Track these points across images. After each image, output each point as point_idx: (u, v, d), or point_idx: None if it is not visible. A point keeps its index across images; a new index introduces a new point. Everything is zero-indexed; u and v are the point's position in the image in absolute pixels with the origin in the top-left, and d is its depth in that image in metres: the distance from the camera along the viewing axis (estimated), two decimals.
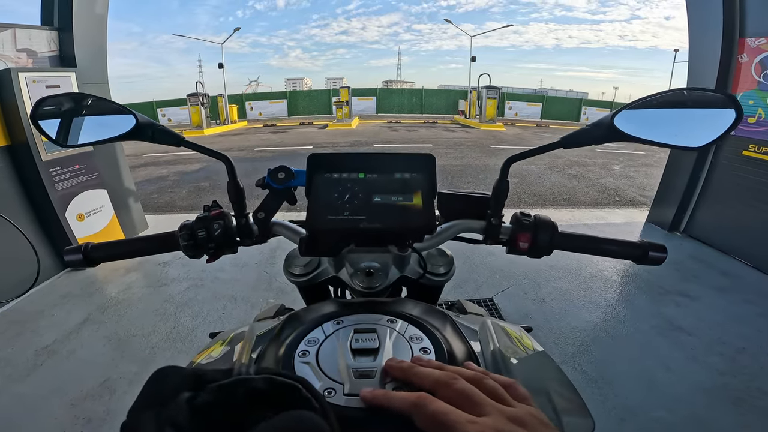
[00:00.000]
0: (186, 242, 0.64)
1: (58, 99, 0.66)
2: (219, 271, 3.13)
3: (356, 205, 0.56)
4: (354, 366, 0.42)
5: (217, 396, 0.22)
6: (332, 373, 0.41)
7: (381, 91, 24.43)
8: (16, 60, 2.87)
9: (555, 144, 0.59)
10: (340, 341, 0.46)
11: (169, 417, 0.21)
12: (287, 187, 0.65)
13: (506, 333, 0.61)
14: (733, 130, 0.54)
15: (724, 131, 0.54)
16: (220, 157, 0.67)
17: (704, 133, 0.55)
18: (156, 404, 0.22)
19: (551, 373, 0.53)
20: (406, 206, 0.57)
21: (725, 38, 3.31)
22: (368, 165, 0.61)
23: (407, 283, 0.76)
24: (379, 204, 0.56)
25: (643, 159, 9.15)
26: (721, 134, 0.54)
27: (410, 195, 0.57)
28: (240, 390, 0.23)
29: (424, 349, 0.45)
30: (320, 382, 0.40)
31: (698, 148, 0.55)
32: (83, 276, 3.13)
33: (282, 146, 11.09)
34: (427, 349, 0.46)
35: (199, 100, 15.08)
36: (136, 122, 0.63)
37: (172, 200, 5.82)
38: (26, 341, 2.36)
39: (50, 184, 2.90)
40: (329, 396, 0.38)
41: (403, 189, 0.58)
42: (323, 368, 0.42)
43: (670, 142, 0.55)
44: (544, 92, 39.77)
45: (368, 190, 0.57)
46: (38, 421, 1.78)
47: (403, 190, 0.57)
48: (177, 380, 0.23)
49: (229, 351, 0.57)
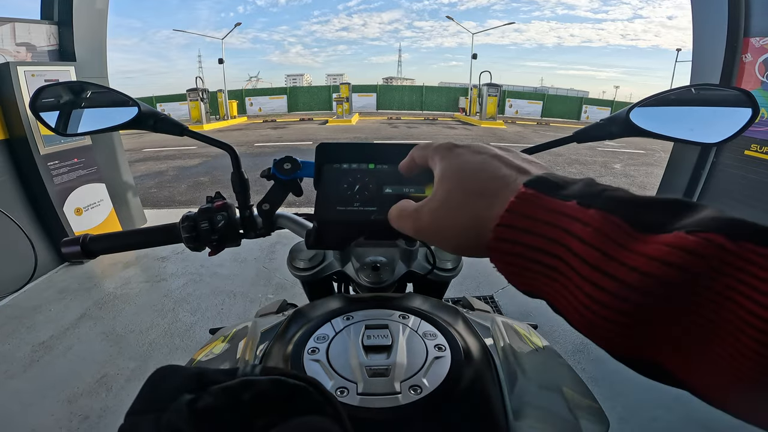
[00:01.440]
0: (188, 234, 0.62)
1: (58, 88, 0.64)
2: (218, 267, 3.12)
3: (366, 197, 0.54)
4: (367, 364, 0.40)
5: (220, 399, 0.21)
6: (344, 371, 0.40)
7: (381, 87, 24.36)
8: (15, 54, 2.85)
9: (568, 138, 0.58)
10: (351, 338, 0.45)
11: (169, 422, 0.19)
12: (293, 178, 0.63)
13: (514, 330, 0.60)
14: (750, 126, 0.53)
15: (741, 127, 0.53)
16: (224, 147, 0.65)
17: (721, 130, 0.54)
18: (155, 408, 0.20)
19: (563, 370, 0.53)
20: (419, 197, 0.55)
21: (729, 37, 3.29)
22: (378, 155, 0.59)
23: (413, 278, 0.75)
24: (390, 195, 0.54)
25: (643, 158, 9.14)
26: (738, 130, 0.53)
27: (422, 186, 0.55)
28: (246, 392, 0.21)
29: (438, 345, 0.44)
30: (332, 381, 0.38)
31: (715, 144, 0.54)
32: (81, 271, 3.11)
33: (281, 141, 11.07)
34: (442, 346, 0.44)
35: (198, 95, 15.06)
36: (138, 111, 0.61)
37: (171, 195, 5.80)
38: (23, 337, 2.34)
39: (48, 177, 2.88)
40: (342, 396, 0.36)
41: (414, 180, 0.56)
42: (335, 366, 0.40)
43: (687, 138, 0.53)
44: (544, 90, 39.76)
45: (379, 181, 0.55)
46: (34, 418, 1.77)
47: (414, 181, 0.55)
48: (177, 381, 0.22)
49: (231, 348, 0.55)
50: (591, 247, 0.22)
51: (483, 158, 0.30)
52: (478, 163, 0.29)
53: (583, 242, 0.22)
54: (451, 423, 0.38)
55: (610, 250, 0.21)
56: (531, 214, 0.24)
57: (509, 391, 0.46)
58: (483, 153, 0.30)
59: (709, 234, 0.19)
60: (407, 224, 0.33)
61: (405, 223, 0.33)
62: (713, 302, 0.18)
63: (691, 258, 0.19)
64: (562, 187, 0.25)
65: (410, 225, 0.32)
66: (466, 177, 0.29)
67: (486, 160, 0.29)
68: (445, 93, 24.08)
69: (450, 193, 0.29)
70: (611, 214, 0.22)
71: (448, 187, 0.30)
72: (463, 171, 0.29)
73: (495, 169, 0.29)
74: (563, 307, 0.24)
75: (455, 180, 0.30)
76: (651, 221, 0.21)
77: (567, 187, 0.25)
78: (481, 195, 0.28)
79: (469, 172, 0.29)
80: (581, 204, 0.23)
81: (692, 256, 0.19)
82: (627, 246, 0.21)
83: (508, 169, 0.28)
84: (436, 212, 0.30)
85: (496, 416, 0.42)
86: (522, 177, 0.27)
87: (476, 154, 0.30)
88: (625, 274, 0.20)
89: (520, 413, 0.43)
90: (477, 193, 0.28)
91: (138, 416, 0.20)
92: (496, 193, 0.27)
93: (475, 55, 20.56)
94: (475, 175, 0.29)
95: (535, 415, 0.44)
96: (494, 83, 16.68)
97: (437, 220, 0.30)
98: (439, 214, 0.30)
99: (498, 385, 0.46)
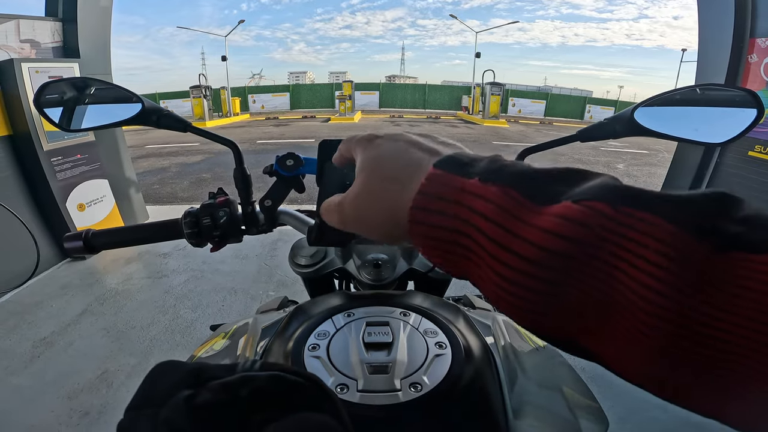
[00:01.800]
0: (190, 230, 0.62)
1: (61, 84, 0.65)
2: (219, 263, 3.12)
3: None
4: (368, 360, 0.40)
5: (219, 395, 0.20)
6: (345, 368, 0.40)
7: (384, 85, 24.35)
8: (19, 50, 2.86)
9: (571, 137, 0.58)
10: (352, 335, 0.44)
11: (167, 417, 0.19)
12: (296, 174, 0.63)
13: (515, 329, 0.60)
14: (755, 126, 0.52)
15: (746, 127, 0.53)
16: (227, 143, 0.65)
17: (725, 130, 0.54)
18: (153, 403, 0.20)
19: (563, 369, 0.53)
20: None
21: (735, 38, 3.27)
22: None
23: (414, 276, 0.75)
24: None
25: (646, 158, 9.12)
26: (743, 130, 0.53)
27: None
28: (245, 388, 0.21)
29: (439, 343, 0.44)
30: (332, 378, 0.38)
31: (720, 144, 0.54)
32: (83, 267, 3.12)
33: (284, 139, 11.07)
34: (443, 343, 0.44)
35: (201, 92, 15.07)
36: (142, 107, 0.61)
37: (173, 191, 5.81)
38: (24, 332, 2.35)
39: (51, 173, 2.89)
40: (342, 393, 0.36)
41: None
42: (335, 363, 0.40)
43: (692, 138, 0.53)
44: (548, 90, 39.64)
45: None
46: (35, 414, 1.78)
47: None
48: (176, 377, 0.22)
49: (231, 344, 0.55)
50: (494, 223, 0.21)
51: (398, 145, 0.30)
52: (393, 151, 0.30)
53: (487, 219, 0.22)
54: (451, 421, 0.38)
55: (510, 225, 0.21)
56: (442, 194, 0.24)
57: (509, 390, 0.46)
58: (399, 140, 0.31)
59: (593, 202, 0.18)
60: (334, 217, 0.33)
61: (332, 217, 0.33)
62: (603, 272, 0.17)
63: (576, 227, 0.18)
64: (468, 165, 0.25)
65: (336, 218, 0.32)
66: (381, 165, 0.29)
67: (401, 147, 0.30)
68: (448, 91, 24.04)
69: (367, 182, 0.30)
70: (510, 187, 0.22)
71: (365, 176, 0.30)
72: (380, 159, 0.30)
73: (409, 154, 0.29)
74: (482, 287, 0.23)
75: (371, 169, 0.30)
76: (545, 192, 0.21)
77: (474, 164, 0.25)
78: (396, 180, 0.28)
79: (385, 160, 0.29)
80: (482, 180, 0.23)
81: (578, 226, 0.18)
82: (525, 219, 0.20)
83: (421, 153, 0.28)
84: (355, 202, 0.30)
85: (496, 415, 0.42)
86: (433, 159, 0.27)
87: (392, 142, 0.31)
88: (525, 249, 0.20)
89: (519, 412, 0.43)
90: (391, 179, 0.28)
91: (136, 412, 0.20)
92: (410, 178, 0.27)
93: (479, 54, 20.51)
94: (390, 163, 0.29)
95: (535, 414, 0.44)
96: (497, 82, 16.63)
97: (358, 210, 0.30)
98: (358, 204, 0.30)
99: (498, 383, 0.46)
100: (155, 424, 0.19)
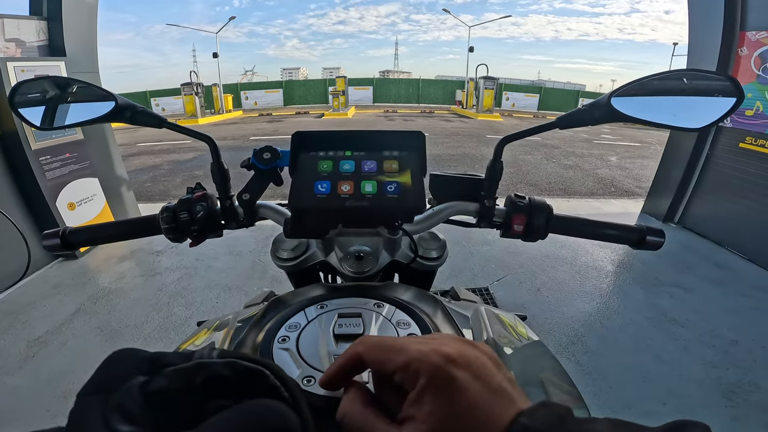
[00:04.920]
0: (167, 225, 0.62)
1: (35, 84, 0.65)
2: (213, 260, 3.10)
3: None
4: (336, 352, 0.40)
5: (173, 381, 0.20)
6: (312, 360, 0.39)
7: (378, 80, 24.20)
8: (4, 50, 2.82)
9: (551, 124, 0.57)
10: (322, 326, 0.44)
11: (119, 403, 0.19)
12: (273, 167, 0.62)
13: (500, 321, 0.59)
14: (734, 112, 0.52)
15: (725, 113, 0.53)
16: (203, 138, 0.65)
17: (704, 115, 0.54)
18: (105, 389, 0.20)
19: (547, 362, 0.52)
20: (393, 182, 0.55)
21: (726, 31, 3.29)
22: (355, 143, 0.58)
23: (399, 268, 0.74)
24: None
25: (639, 151, 9.15)
26: (722, 116, 0.53)
27: (399, 173, 0.54)
28: (200, 375, 0.21)
29: (411, 335, 0.43)
30: (299, 370, 0.38)
31: (698, 129, 0.54)
32: (75, 266, 3.10)
33: (277, 135, 11.00)
34: (415, 335, 0.44)
35: (193, 89, 14.92)
36: (115, 104, 0.61)
37: (166, 189, 5.77)
38: (18, 333, 2.33)
39: (40, 173, 2.86)
40: (307, 385, 0.36)
41: (390, 168, 0.56)
42: (303, 355, 0.40)
43: (669, 123, 0.53)
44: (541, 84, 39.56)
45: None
46: (30, 413, 1.77)
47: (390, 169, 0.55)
48: (132, 363, 0.21)
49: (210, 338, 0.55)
50: None
51: (480, 393, 0.25)
52: (474, 400, 0.25)
53: None
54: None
55: None
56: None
57: None
58: (482, 379, 0.26)
59: None
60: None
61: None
62: None
63: None
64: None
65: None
66: (456, 424, 0.25)
67: (483, 395, 0.25)
68: (442, 86, 23.95)
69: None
70: None
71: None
72: (456, 417, 0.25)
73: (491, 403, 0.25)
74: None
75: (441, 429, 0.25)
76: None
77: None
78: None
79: (461, 417, 0.25)
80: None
81: None
82: None
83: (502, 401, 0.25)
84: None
85: None
86: (513, 411, 0.24)
87: (475, 382, 0.26)
88: None
89: None
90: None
91: (88, 397, 0.20)
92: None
93: (472, 48, 20.45)
94: (466, 420, 0.25)
95: None
96: (491, 76, 16.63)
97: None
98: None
99: None
100: (105, 408, 0.19)
